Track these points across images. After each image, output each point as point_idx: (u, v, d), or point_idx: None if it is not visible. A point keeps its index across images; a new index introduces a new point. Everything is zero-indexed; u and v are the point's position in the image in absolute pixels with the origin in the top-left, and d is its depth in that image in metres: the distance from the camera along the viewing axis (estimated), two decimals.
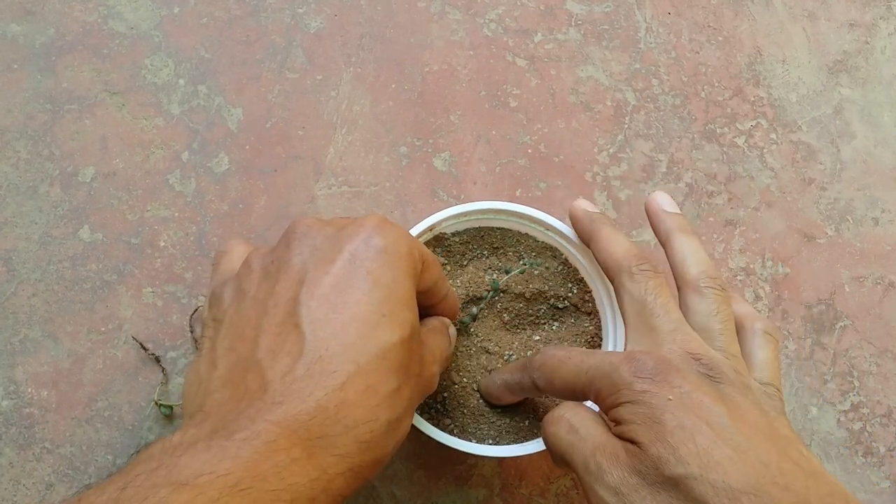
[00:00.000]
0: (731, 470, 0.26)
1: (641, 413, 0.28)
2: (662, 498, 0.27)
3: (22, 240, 0.48)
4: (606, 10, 0.57)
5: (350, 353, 0.27)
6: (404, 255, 0.30)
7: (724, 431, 0.27)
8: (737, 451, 0.27)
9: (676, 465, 0.27)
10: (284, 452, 0.25)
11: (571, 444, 0.30)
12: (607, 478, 0.28)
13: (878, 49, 0.57)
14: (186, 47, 0.54)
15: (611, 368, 0.30)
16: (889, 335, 0.49)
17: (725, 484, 0.26)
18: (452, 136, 0.53)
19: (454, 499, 0.44)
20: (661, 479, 0.27)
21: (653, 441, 0.27)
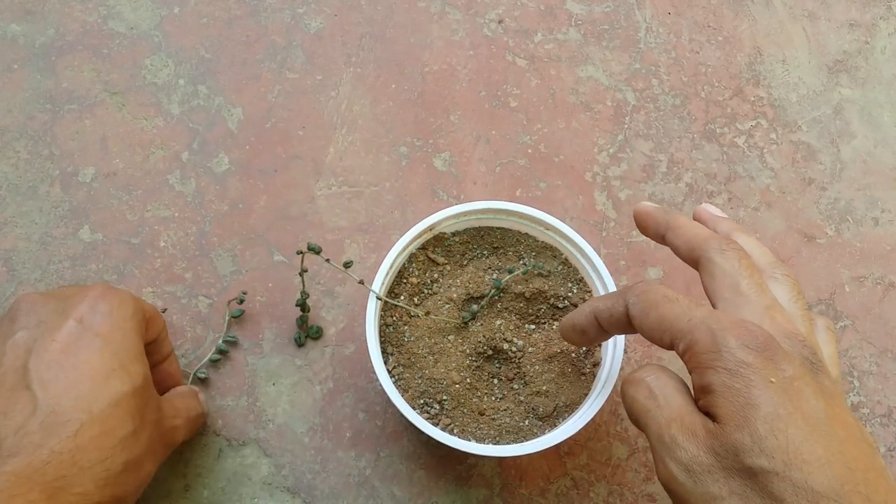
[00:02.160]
0: (817, 471, 0.25)
1: (736, 388, 0.27)
2: (735, 485, 0.26)
3: (22, 240, 0.48)
4: (606, 10, 0.57)
5: (83, 404, 0.30)
6: (129, 315, 0.34)
7: (818, 427, 0.26)
8: (827, 452, 0.25)
9: (759, 457, 0.25)
10: (22, 497, 0.28)
11: (648, 410, 0.29)
12: (680, 453, 0.27)
13: (878, 49, 0.57)
14: (186, 47, 0.54)
15: (717, 327, 0.28)
16: (889, 335, 0.49)
17: (808, 486, 0.25)
18: (452, 136, 0.53)
19: (454, 499, 0.44)
20: (738, 466, 0.26)
21: (739, 424, 0.26)
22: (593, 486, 0.44)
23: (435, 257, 0.44)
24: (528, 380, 0.42)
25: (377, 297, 0.41)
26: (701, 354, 0.28)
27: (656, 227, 0.37)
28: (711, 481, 0.26)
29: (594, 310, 0.35)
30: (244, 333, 0.47)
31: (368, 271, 0.48)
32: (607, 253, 0.50)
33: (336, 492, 0.44)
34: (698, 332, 0.29)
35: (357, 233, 0.50)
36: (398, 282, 0.43)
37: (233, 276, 0.48)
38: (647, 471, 0.45)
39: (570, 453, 0.45)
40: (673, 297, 0.31)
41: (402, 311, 0.43)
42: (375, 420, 0.45)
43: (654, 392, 0.30)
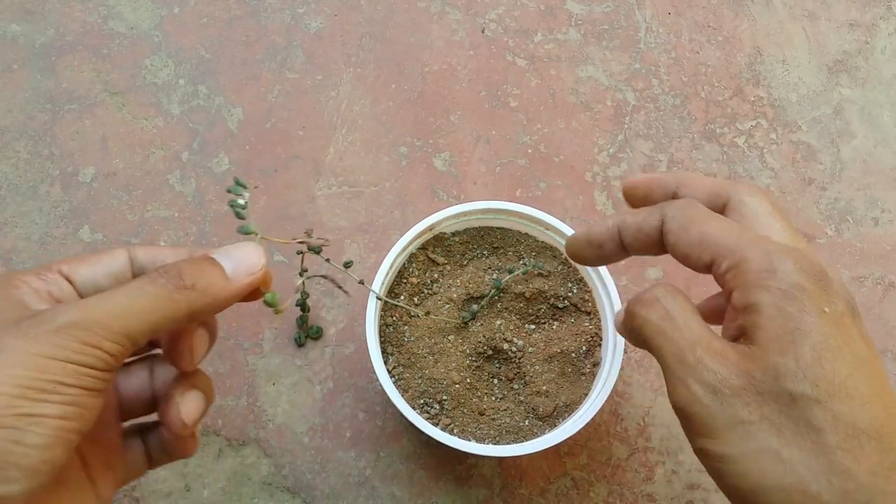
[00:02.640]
0: (860, 408, 0.24)
1: (788, 311, 0.25)
2: (769, 410, 0.24)
3: (22, 240, 0.48)
4: (606, 10, 0.57)
5: None
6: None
7: (863, 366, 0.25)
8: (870, 391, 0.24)
9: (802, 382, 0.24)
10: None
11: (664, 331, 0.27)
12: (707, 374, 0.25)
13: (878, 49, 0.57)
14: (186, 47, 0.54)
15: (773, 248, 0.26)
16: (889, 335, 0.49)
17: (850, 419, 0.24)
18: (452, 136, 0.53)
19: (454, 499, 0.44)
20: (774, 390, 0.24)
21: (784, 348, 0.25)
22: (593, 486, 0.44)
23: (435, 257, 0.44)
24: (528, 380, 0.42)
25: (377, 297, 0.41)
26: (752, 272, 0.26)
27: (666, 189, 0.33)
28: (741, 405, 0.24)
29: (620, 223, 0.31)
30: (244, 333, 0.47)
31: (368, 271, 0.48)
32: None
33: (336, 492, 0.44)
34: (750, 250, 0.27)
35: (357, 233, 0.50)
36: (398, 282, 0.43)
37: None
38: (646, 471, 0.45)
39: (570, 453, 0.45)
40: (716, 215, 0.29)
41: (402, 311, 0.43)
42: (375, 420, 0.45)
43: (672, 313, 0.27)
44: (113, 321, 0.24)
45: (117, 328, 0.24)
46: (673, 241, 0.29)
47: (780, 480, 0.23)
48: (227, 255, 0.29)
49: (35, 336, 0.23)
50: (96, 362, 0.24)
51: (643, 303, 0.28)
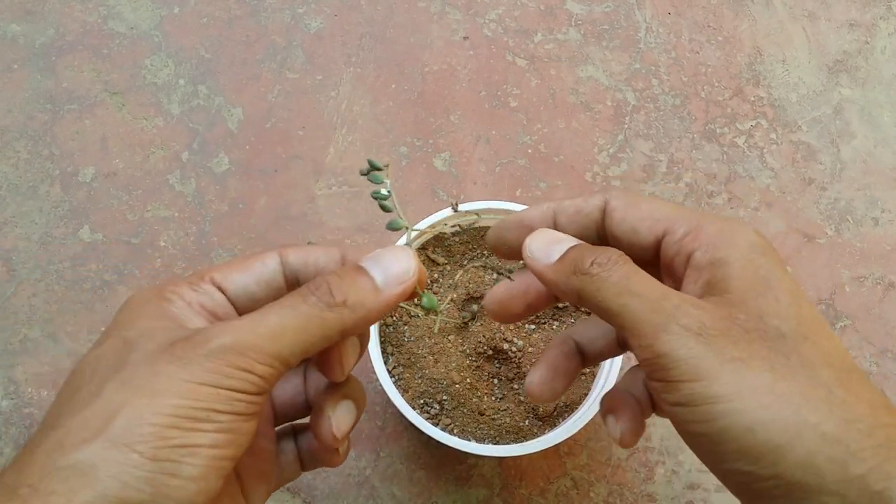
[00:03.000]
0: (841, 350, 0.24)
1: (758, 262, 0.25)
2: (758, 347, 0.23)
3: (22, 240, 0.48)
4: (606, 10, 0.57)
5: None
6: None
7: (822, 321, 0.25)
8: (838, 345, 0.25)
9: (787, 320, 0.24)
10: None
11: (628, 288, 0.25)
12: (688, 319, 0.24)
13: (878, 49, 0.57)
14: (186, 47, 0.54)
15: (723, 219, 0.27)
16: (889, 335, 0.49)
17: (837, 358, 0.24)
18: (452, 136, 0.53)
19: (454, 499, 0.44)
20: (762, 327, 0.24)
21: (762, 292, 0.24)
22: (593, 486, 0.44)
23: (435, 257, 0.44)
24: None
25: None
26: (712, 234, 0.26)
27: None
28: (730, 343, 0.23)
29: (556, 206, 0.30)
30: None
31: None
32: None
33: (336, 492, 0.44)
34: (705, 219, 0.27)
35: (357, 233, 0.50)
36: None
37: None
38: (646, 471, 0.45)
39: (570, 453, 0.45)
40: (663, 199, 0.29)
41: (402, 311, 0.43)
42: (375, 420, 0.45)
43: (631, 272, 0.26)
44: (265, 344, 0.24)
45: (269, 351, 0.24)
46: (620, 218, 0.28)
47: (778, 413, 0.23)
48: (377, 262, 0.27)
49: (188, 361, 0.23)
50: (249, 387, 0.23)
51: (600, 264, 0.26)
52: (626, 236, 0.28)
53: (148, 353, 0.23)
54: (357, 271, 0.26)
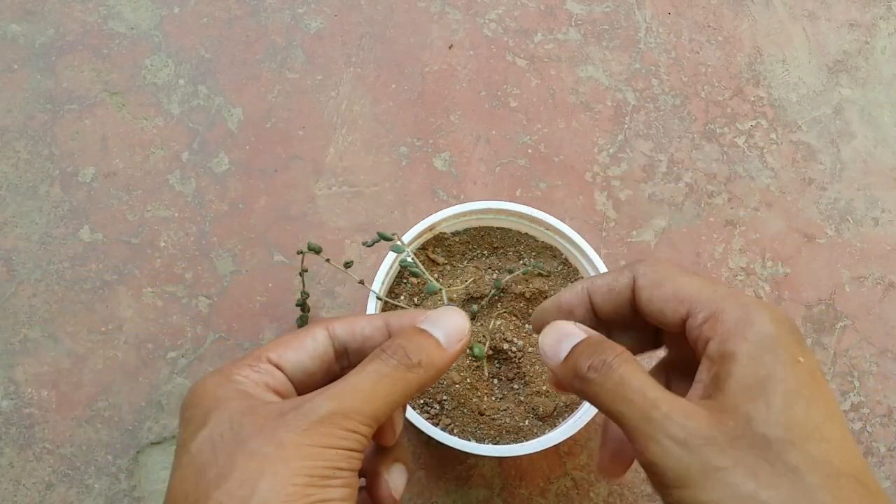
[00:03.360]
0: (836, 449, 0.24)
1: (762, 360, 0.25)
2: (742, 454, 0.24)
3: (22, 240, 0.48)
4: (606, 10, 0.57)
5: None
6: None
7: (837, 416, 0.25)
8: (845, 436, 0.25)
9: (775, 427, 0.24)
10: None
11: (622, 396, 0.27)
12: (675, 429, 0.25)
13: (878, 49, 0.57)
14: (186, 47, 0.54)
15: (748, 301, 0.27)
16: (889, 335, 0.49)
17: (827, 460, 0.24)
18: (452, 136, 0.53)
19: (454, 499, 0.44)
20: (747, 436, 0.24)
21: (755, 397, 0.25)
22: (593, 486, 0.44)
23: (435, 257, 0.44)
24: (528, 380, 0.42)
25: (377, 297, 0.41)
26: (729, 322, 0.27)
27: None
28: (714, 452, 0.24)
29: (590, 285, 0.32)
30: (244, 333, 0.47)
31: (368, 271, 0.48)
32: (607, 253, 0.50)
33: None
34: (726, 302, 0.27)
35: (357, 233, 0.50)
36: (398, 282, 0.43)
37: (233, 276, 0.48)
38: None
39: (570, 453, 0.45)
40: (687, 272, 0.30)
41: None
42: None
43: (626, 378, 0.27)
44: (364, 407, 0.26)
45: (368, 412, 0.27)
46: (647, 297, 0.30)
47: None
48: (436, 324, 0.30)
49: (305, 429, 0.25)
50: (357, 445, 0.26)
51: (596, 369, 0.28)
52: (653, 316, 0.30)
53: (260, 426, 0.25)
54: (422, 334, 0.29)
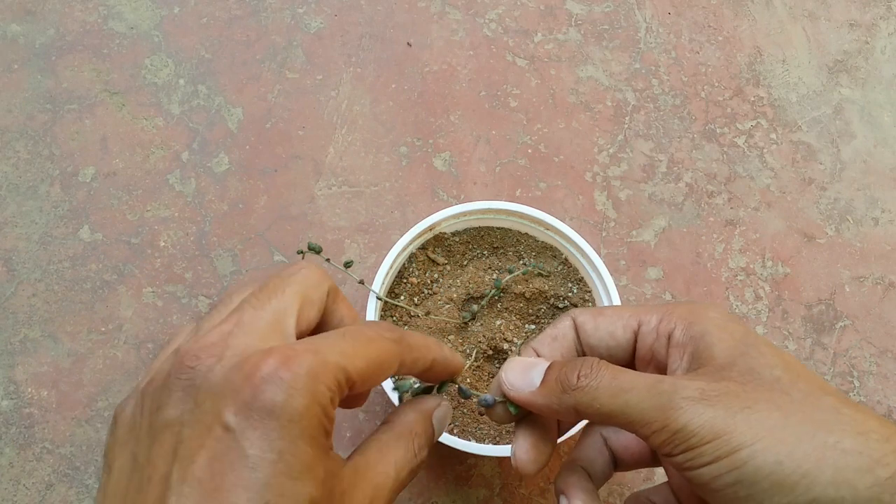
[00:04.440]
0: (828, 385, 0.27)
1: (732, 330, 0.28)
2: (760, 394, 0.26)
3: (22, 240, 0.48)
4: (606, 10, 0.57)
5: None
6: (299, 414, 0.24)
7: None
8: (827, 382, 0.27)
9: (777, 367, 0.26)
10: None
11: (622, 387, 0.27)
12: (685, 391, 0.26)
13: (878, 49, 0.57)
14: (186, 47, 0.54)
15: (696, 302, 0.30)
16: (889, 335, 0.49)
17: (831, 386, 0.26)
18: (452, 136, 0.53)
19: (454, 499, 0.44)
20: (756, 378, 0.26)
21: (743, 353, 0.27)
22: None
23: (435, 257, 0.44)
24: None
25: (377, 297, 0.41)
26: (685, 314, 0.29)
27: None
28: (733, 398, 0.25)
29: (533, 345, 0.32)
30: None
31: (368, 271, 0.48)
32: (607, 253, 0.50)
33: None
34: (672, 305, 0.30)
35: (357, 233, 0.50)
36: (398, 282, 0.43)
37: (233, 276, 0.48)
38: (647, 471, 0.45)
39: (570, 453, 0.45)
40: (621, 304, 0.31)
41: (402, 311, 0.43)
42: (375, 420, 0.45)
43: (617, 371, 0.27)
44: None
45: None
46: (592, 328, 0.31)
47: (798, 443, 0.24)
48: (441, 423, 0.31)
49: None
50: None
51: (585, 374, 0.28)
52: (602, 342, 0.30)
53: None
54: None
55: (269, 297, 0.27)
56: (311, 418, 0.25)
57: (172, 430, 0.25)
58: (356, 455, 0.28)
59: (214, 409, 0.24)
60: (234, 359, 0.25)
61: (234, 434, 0.24)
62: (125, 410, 0.28)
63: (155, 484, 0.24)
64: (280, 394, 0.24)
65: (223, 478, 0.24)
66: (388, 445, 0.29)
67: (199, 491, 0.23)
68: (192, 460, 0.24)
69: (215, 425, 0.24)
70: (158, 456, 0.25)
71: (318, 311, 0.29)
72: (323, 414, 0.25)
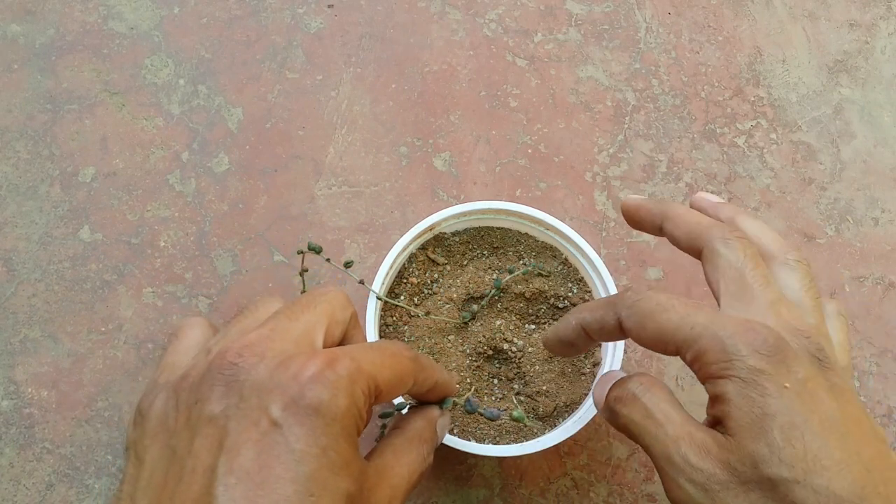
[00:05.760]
0: (837, 476, 0.25)
1: (751, 398, 0.26)
2: (755, 497, 0.25)
3: (22, 240, 0.48)
4: (606, 10, 0.57)
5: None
6: (340, 413, 0.26)
7: (834, 430, 0.26)
8: (844, 454, 0.25)
9: (778, 466, 0.25)
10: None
11: (648, 431, 0.29)
12: (695, 474, 0.27)
13: (878, 49, 0.57)
14: (186, 47, 0.54)
15: (725, 333, 0.28)
16: (889, 335, 0.49)
17: (829, 491, 0.25)
18: (452, 136, 0.53)
19: (454, 499, 0.44)
20: (756, 478, 0.25)
21: (756, 435, 0.26)
22: (593, 486, 0.44)
23: (435, 257, 0.44)
24: (528, 380, 0.42)
25: (377, 297, 0.41)
26: (712, 365, 0.28)
27: (651, 218, 0.35)
28: (731, 497, 0.26)
29: (581, 321, 0.34)
30: None
31: (368, 271, 0.48)
32: (607, 253, 0.50)
33: None
34: (704, 340, 0.28)
35: (357, 233, 0.50)
36: (398, 282, 0.43)
37: (233, 276, 0.48)
38: (646, 471, 0.45)
39: (570, 453, 0.45)
40: (668, 303, 0.30)
41: (402, 311, 0.43)
42: (375, 420, 0.45)
43: (651, 409, 0.29)
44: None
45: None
46: (636, 338, 0.31)
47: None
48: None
49: None
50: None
51: (622, 402, 0.30)
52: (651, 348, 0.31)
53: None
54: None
55: (302, 311, 0.29)
56: (350, 418, 0.26)
57: (216, 424, 0.26)
58: (375, 457, 0.30)
59: (261, 404, 0.25)
60: (276, 359, 0.26)
61: (281, 429, 0.25)
62: (154, 404, 0.29)
63: (199, 475, 0.25)
64: (325, 393, 0.25)
65: (270, 470, 0.24)
66: (402, 449, 0.31)
67: (245, 482, 0.24)
68: (239, 452, 0.25)
69: (262, 419, 0.25)
70: (202, 448, 0.25)
71: (342, 331, 0.31)
72: (358, 415, 0.27)
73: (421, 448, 0.31)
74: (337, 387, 0.26)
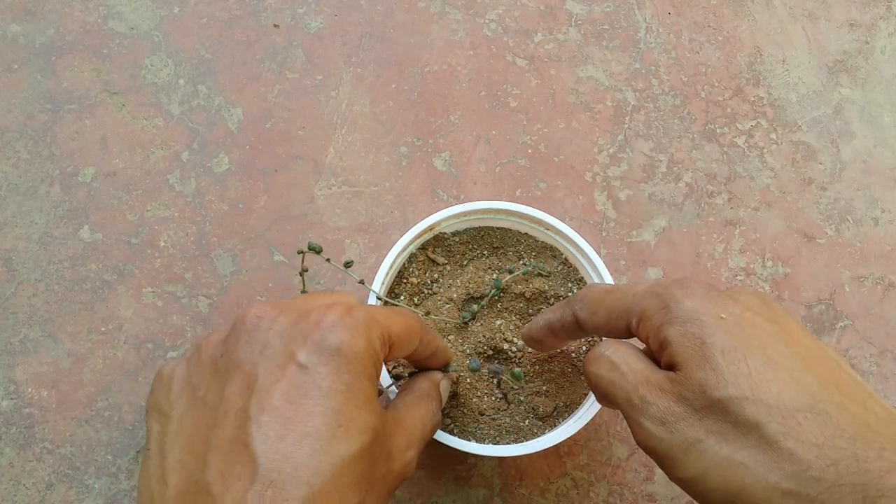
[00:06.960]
0: (786, 388, 0.26)
1: (690, 333, 0.28)
2: (710, 422, 0.26)
3: (22, 240, 0.48)
4: (606, 10, 0.57)
5: (303, 475, 0.26)
6: (360, 354, 0.28)
7: (778, 350, 0.27)
8: (792, 370, 0.26)
9: (725, 387, 0.26)
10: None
11: (613, 381, 0.30)
12: (652, 409, 0.28)
13: (878, 49, 0.57)
14: (186, 47, 0.54)
15: (660, 289, 0.30)
16: (889, 335, 0.49)
17: (780, 402, 0.25)
18: (452, 136, 0.53)
19: (454, 499, 0.44)
20: (707, 403, 0.26)
21: (700, 364, 0.27)
22: (593, 486, 0.44)
23: (435, 257, 0.44)
24: (528, 380, 0.42)
25: (377, 297, 0.41)
26: (653, 317, 0.30)
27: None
28: (687, 427, 0.27)
29: (547, 321, 0.37)
30: None
31: (368, 271, 0.48)
32: (607, 253, 0.50)
33: None
34: (644, 300, 0.30)
35: (357, 233, 0.50)
36: (398, 282, 0.43)
37: (233, 276, 0.48)
38: (646, 471, 0.45)
39: (570, 453, 0.45)
40: (612, 288, 0.33)
41: None
42: None
43: (615, 362, 0.30)
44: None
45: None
46: (591, 327, 0.34)
47: (743, 483, 0.25)
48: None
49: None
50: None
51: (591, 360, 0.32)
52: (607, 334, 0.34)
53: None
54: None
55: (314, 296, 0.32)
56: (369, 359, 0.29)
57: (244, 370, 0.28)
58: (389, 411, 0.32)
59: (286, 349, 0.28)
60: (295, 312, 0.29)
61: (308, 370, 0.27)
62: (176, 370, 0.31)
63: (232, 417, 0.27)
64: (346, 335, 0.28)
65: (300, 406, 0.27)
66: (413, 405, 0.34)
67: (278, 419, 0.26)
68: (270, 393, 0.27)
69: (289, 364, 0.27)
70: (233, 393, 0.27)
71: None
72: (376, 358, 0.29)
73: (430, 404, 0.35)
74: (356, 330, 0.28)
